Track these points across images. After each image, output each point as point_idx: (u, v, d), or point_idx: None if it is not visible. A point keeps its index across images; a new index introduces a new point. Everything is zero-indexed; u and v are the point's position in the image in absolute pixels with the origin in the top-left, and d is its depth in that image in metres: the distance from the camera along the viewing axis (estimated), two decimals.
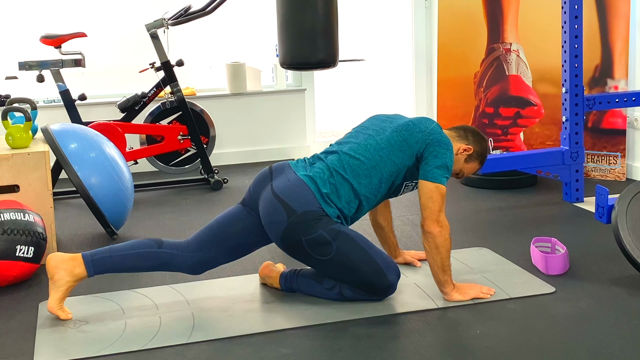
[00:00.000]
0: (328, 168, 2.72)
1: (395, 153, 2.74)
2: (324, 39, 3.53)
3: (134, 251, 2.73)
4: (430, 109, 5.83)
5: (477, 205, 4.13)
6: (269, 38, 5.42)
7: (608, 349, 2.34)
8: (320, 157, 2.80)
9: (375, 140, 2.77)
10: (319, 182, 2.68)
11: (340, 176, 2.70)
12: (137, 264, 2.73)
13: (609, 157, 4.62)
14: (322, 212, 2.64)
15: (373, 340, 2.45)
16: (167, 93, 4.75)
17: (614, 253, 3.04)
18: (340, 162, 2.73)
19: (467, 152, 2.85)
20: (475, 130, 2.94)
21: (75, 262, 2.69)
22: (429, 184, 2.68)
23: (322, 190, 2.66)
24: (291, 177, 2.70)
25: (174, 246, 2.76)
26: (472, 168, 2.92)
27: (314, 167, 2.74)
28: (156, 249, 2.74)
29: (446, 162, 2.71)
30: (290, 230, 2.64)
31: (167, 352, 2.41)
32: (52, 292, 2.68)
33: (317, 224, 2.62)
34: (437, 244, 2.67)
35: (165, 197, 4.55)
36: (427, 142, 2.72)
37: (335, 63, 3.63)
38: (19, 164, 3.27)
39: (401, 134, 2.76)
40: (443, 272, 2.71)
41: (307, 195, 2.65)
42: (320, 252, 2.64)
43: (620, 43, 4.54)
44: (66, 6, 5.22)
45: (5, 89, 4.86)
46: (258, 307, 2.77)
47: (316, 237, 2.62)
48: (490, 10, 4.99)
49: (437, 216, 2.67)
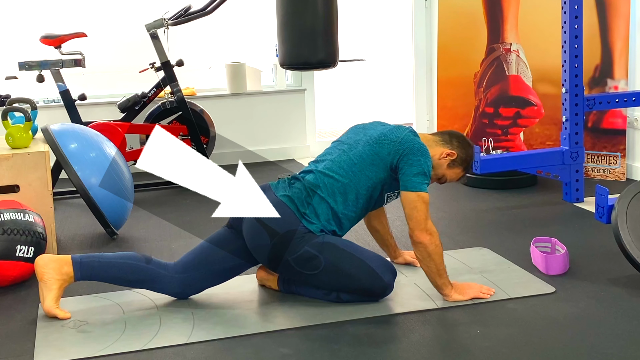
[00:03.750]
0: (305, 188, 2.71)
1: (368, 167, 2.72)
2: (324, 39, 3.53)
3: (122, 261, 2.72)
4: (430, 109, 5.83)
5: (477, 205, 4.13)
6: (269, 38, 5.41)
7: (608, 349, 2.34)
8: (298, 177, 2.80)
9: (348, 156, 2.76)
10: (298, 203, 2.68)
11: (317, 196, 2.70)
12: (123, 275, 2.72)
13: (609, 157, 4.62)
14: (304, 229, 2.65)
15: (373, 340, 2.45)
16: (167, 93, 4.76)
17: (614, 253, 3.03)
18: (316, 181, 2.72)
19: (450, 157, 2.82)
20: (462, 136, 2.91)
21: (63, 261, 2.69)
22: (410, 194, 2.66)
23: (301, 210, 2.67)
24: (271, 199, 2.70)
25: (161, 265, 2.76)
26: (456, 174, 2.88)
27: (292, 187, 2.74)
28: (144, 264, 2.73)
29: (423, 168, 2.68)
30: (275, 251, 2.65)
31: (167, 352, 2.41)
32: (45, 294, 2.67)
33: (301, 241, 2.63)
34: (429, 252, 2.66)
35: (165, 197, 4.55)
36: (400, 152, 2.69)
37: (335, 63, 3.64)
38: (19, 164, 3.27)
39: (373, 147, 2.74)
40: (439, 276, 2.70)
41: (288, 215, 2.65)
42: (309, 267, 2.65)
43: (620, 43, 4.54)
44: (66, 6, 5.22)
45: (5, 89, 4.86)
46: (258, 307, 2.77)
47: (302, 253, 2.62)
48: (490, 10, 4.99)
49: (424, 225, 2.65)
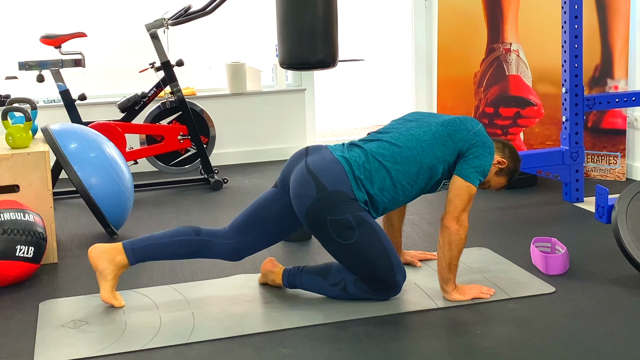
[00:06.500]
0: (366, 154, 2.69)
1: (438, 147, 2.72)
2: (324, 39, 3.52)
3: (173, 239, 2.78)
4: (430, 109, 5.82)
5: (477, 205, 4.11)
6: (269, 38, 5.42)
7: (608, 349, 2.34)
8: (358, 144, 2.78)
9: (418, 131, 2.75)
10: (354, 166, 2.65)
11: (377, 162, 2.67)
12: (177, 251, 2.79)
13: (609, 157, 4.62)
14: (352, 195, 2.62)
15: (373, 340, 2.45)
16: (167, 93, 4.75)
17: (614, 253, 3.03)
18: (378, 149, 2.70)
19: (500, 165, 2.83)
20: (514, 148, 2.91)
21: (115, 250, 2.76)
22: (461, 181, 2.67)
23: (355, 174, 2.64)
24: (327, 156, 2.69)
25: (211, 234, 2.80)
26: (500, 183, 2.89)
27: (351, 151, 2.72)
28: (194, 237, 2.78)
29: (485, 165, 2.70)
30: (317, 205, 2.62)
31: (167, 352, 2.41)
32: (101, 284, 2.76)
33: (346, 206, 2.60)
34: (451, 240, 2.67)
35: (165, 197, 4.55)
36: (473, 141, 2.71)
37: (335, 63, 3.63)
38: (19, 164, 3.27)
39: (447, 128, 2.75)
40: (449, 269, 2.70)
41: (340, 175, 2.63)
42: (342, 235, 2.62)
43: (620, 43, 4.54)
44: (66, 6, 5.22)
45: (5, 89, 4.86)
46: (258, 307, 2.77)
47: (342, 219, 2.60)
48: (490, 10, 4.99)
49: (458, 214, 2.66)
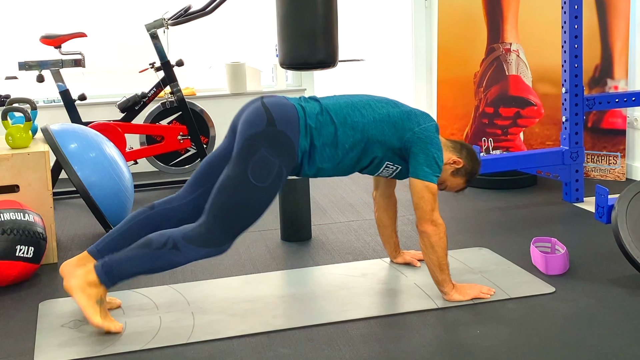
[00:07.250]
0: (321, 107, 2.68)
1: (388, 125, 2.69)
2: (324, 39, 3.52)
3: (132, 222, 2.70)
4: (430, 109, 5.82)
5: (477, 205, 4.13)
6: (269, 38, 5.42)
7: (608, 349, 2.34)
8: (316, 98, 2.76)
9: (376, 104, 2.73)
10: (308, 114, 2.63)
11: (329, 117, 2.65)
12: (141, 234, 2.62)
13: (609, 157, 4.62)
14: (296, 142, 2.57)
15: (373, 340, 2.45)
16: (167, 93, 4.76)
17: (614, 253, 3.04)
18: (334, 107, 2.69)
19: (456, 164, 2.81)
20: (473, 150, 2.90)
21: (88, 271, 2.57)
22: (419, 182, 2.66)
23: (307, 121, 2.62)
24: (284, 101, 2.67)
25: (166, 201, 2.77)
26: (457, 184, 2.87)
27: (308, 102, 2.71)
28: (150, 211, 2.73)
29: (433, 160, 2.66)
30: (260, 136, 2.55)
31: (167, 352, 2.41)
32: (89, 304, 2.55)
33: (283, 151, 2.56)
34: (432, 242, 2.67)
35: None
36: (420, 136, 2.67)
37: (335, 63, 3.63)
38: (19, 164, 3.27)
39: (402, 115, 2.72)
40: (441, 271, 2.70)
41: (292, 119, 2.60)
42: (256, 173, 2.53)
43: (620, 43, 4.54)
44: (66, 6, 5.22)
45: (5, 89, 4.86)
46: (258, 307, 2.76)
47: (271, 161, 2.54)
48: (490, 10, 4.99)
49: (430, 215, 2.66)
